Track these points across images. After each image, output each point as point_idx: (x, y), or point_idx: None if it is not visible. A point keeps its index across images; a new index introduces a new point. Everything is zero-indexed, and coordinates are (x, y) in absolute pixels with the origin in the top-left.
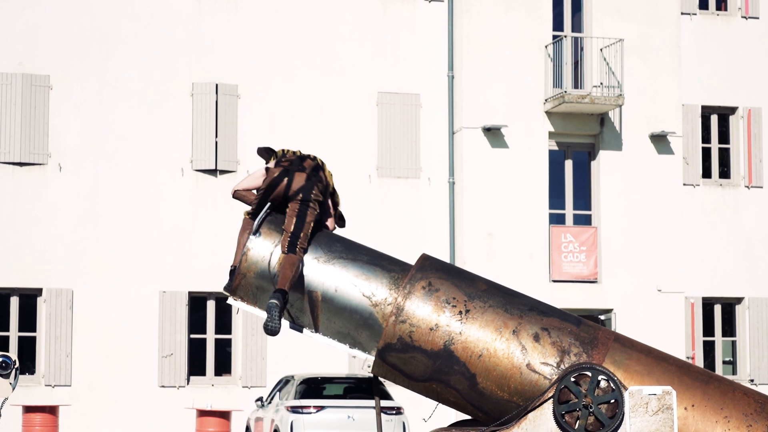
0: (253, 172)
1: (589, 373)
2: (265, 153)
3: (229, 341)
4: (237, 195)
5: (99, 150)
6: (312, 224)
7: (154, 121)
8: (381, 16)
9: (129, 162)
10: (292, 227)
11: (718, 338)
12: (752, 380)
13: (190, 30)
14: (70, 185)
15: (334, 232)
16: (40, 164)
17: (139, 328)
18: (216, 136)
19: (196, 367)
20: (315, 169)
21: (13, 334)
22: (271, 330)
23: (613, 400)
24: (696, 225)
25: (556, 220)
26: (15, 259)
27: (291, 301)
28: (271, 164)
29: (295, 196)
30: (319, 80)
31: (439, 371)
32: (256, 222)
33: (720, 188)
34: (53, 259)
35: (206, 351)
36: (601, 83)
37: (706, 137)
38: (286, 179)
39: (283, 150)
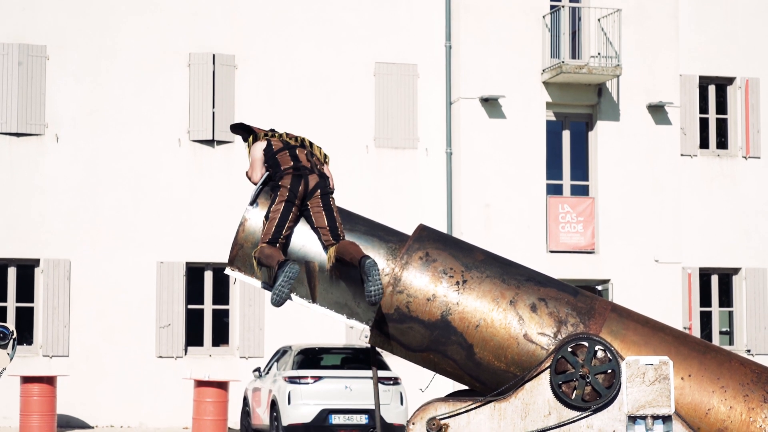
0: (252, 161)
1: (586, 344)
2: (241, 131)
3: (226, 312)
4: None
5: (96, 120)
6: (337, 209)
7: (152, 92)
8: None
9: (126, 132)
10: (326, 221)
11: (715, 309)
12: (749, 350)
13: (188, 0)
14: (68, 156)
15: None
16: (37, 135)
17: (136, 299)
18: (213, 107)
19: (193, 337)
20: (310, 156)
21: (11, 304)
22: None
23: (610, 371)
24: (693, 196)
25: (554, 190)
26: (12, 229)
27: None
28: (261, 145)
29: (313, 194)
30: (316, 50)
31: (436, 341)
32: (252, 193)
33: (717, 159)
34: (51, 230)
35: (204, 321)
36: (599, 53)
37: (703, 108)
38: (302, 185)
39: (268, 135)
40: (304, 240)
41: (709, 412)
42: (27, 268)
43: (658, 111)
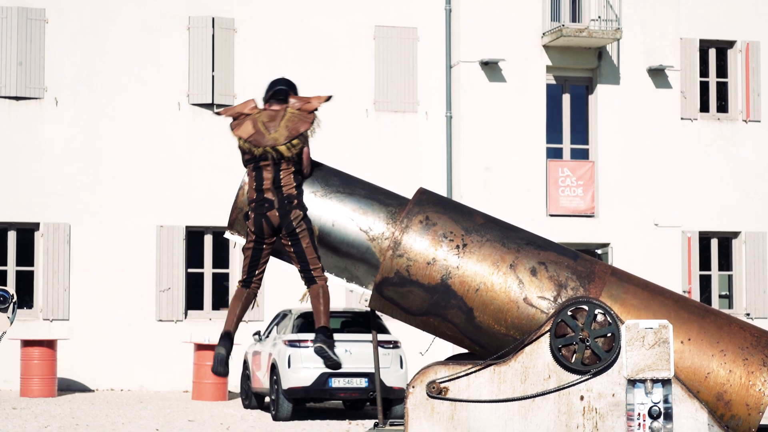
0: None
1: (586, 307)
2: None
3: (226, 275)
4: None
5: (95, 84)
6: (310, 242)
7: (151, 55)
8: None
9: (125, 96)
10: (298, 263)
11: (715, 272)
12: (748, 314)
13: None
14: (67, 119)
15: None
16: (36, 98)
17: (136, 263)
18: (212, 70)
19: (193, 301)
20: (276, 181)
21: (11, 268)
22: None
23: (609, 334)
24: (693, 159)
25: (554, 154)
26: (12, 193)
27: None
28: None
29: (279, 231)
30: (315, 14)
31: (436, 305)
32: None
33: (717, 122)
34: (50, 194)
35: (203, 285)
36: (599, 17)
37: (704, 71)
38: (265, 225)
39: (240, 141)
40: (304, 203)
41: (708, 376)
42: (27, 232)
43: (658, 74)
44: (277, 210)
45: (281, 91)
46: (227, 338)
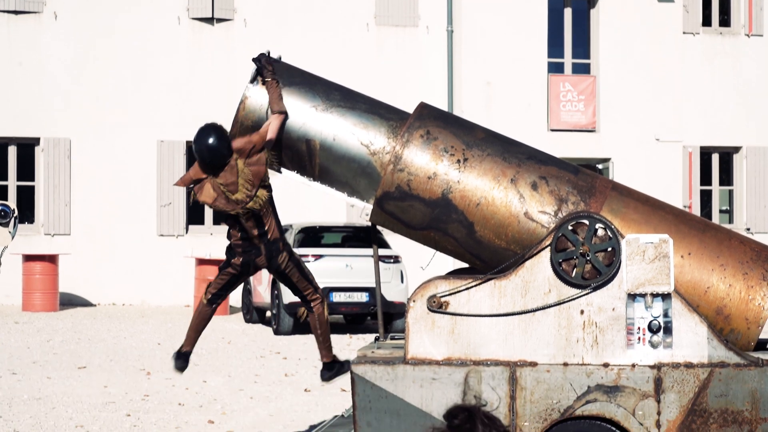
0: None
1: (587, 221)
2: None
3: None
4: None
5: None
6: (300, 275)
7: None
8: None
9: (125, 10)
10: (293, 290)
11: (716, 187)
12: (748, 229)
13: None
14: (67, 33)
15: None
16: (35, 12)
17: (137, 178)
18: None
19: (194, 216)
20: (259, 229)
21: (12, 183)
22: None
23: (610, 248)
24: (695, 74)
25: (555, 68)
26: (12, 108)
27: (289, 146)
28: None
29: (271, 269)
30: None
31: (437, 219)
32: (253, 71)
33: (720, 36)
34: (50, 108)
35: None
36: None
37: None
38: (252, 266)
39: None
40: (305, 118)
41: (708, 290)
42: (27, 147)
43: None
44: (265, 256)
45: (215, 148)
46: (185, 358)
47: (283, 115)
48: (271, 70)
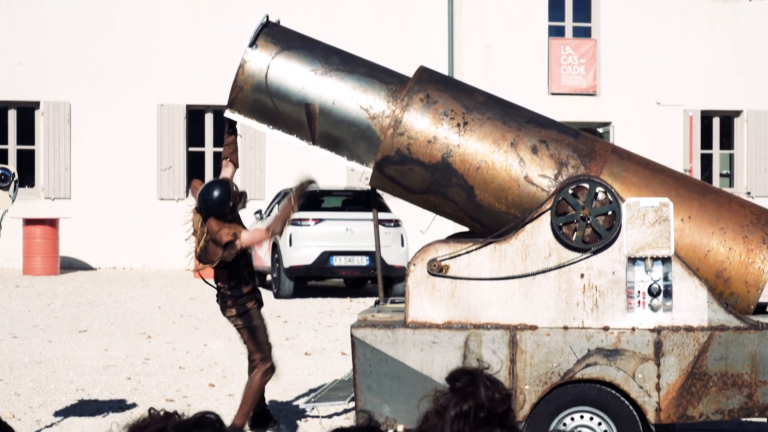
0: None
1: (587, 185)
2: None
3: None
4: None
5: None
6: (249, 337)
7: None
8: None
9: None
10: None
11: (716, 151)
12: (749, 193)
13: None
14: None
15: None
16: None
17: (137, 141)
18: None
19: (194, 179)
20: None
21: (12, 147)
22: None
23: (610, 212)
24: (696, 37)
25: (556, 32)
26: (12, 72)
27: (288, 113)
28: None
29: None
30: None
31: (437, 183)
32: (252, 35)
33: (721, 1)
34: (50, 72)
35: (204, 164)
36: None
37: None
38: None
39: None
40: (304, 82)
41: (708, 254)
42: (27, 111)
43: None
44: (217, 302)
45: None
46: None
47: (275, 236)
48: (299, 196)
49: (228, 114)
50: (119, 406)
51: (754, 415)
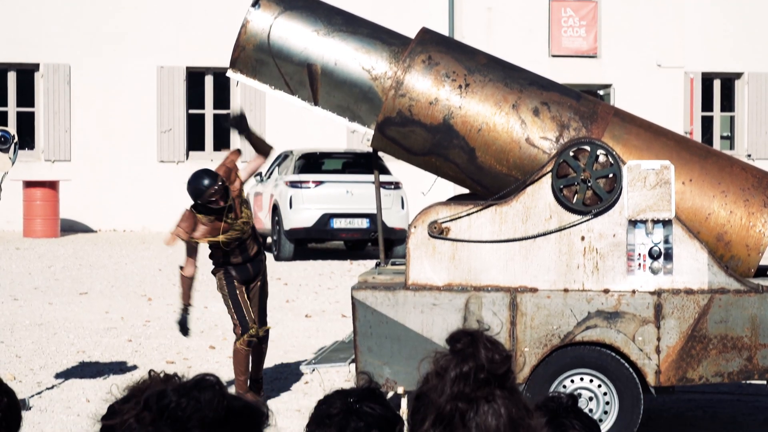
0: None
1: (588, 148)
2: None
3: (226, 116)
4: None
5: None
6: (226, 304)
7: None
8: None
9: None
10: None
11: (717, 113)
12: (750, 155)
13: None
14: None
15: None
16: None
17: (137, 104)
18: None
19: (194, 142)
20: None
21: (11, 109)
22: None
23: (611, 175)
24: None
25: None
26: (11, 33)
27: (290, 74)
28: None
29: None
30: None
31: (438, 145)
32: None
33: None
34: (50, 34)
35: (205, 126)
36: None
37: None
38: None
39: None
40: (306, 42)
41: (709, 217)
42: (27, 73)
43: None
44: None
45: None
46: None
47: (266, 157)
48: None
49: (230, 74)
50: (120, 368)
51: (753, 378)
